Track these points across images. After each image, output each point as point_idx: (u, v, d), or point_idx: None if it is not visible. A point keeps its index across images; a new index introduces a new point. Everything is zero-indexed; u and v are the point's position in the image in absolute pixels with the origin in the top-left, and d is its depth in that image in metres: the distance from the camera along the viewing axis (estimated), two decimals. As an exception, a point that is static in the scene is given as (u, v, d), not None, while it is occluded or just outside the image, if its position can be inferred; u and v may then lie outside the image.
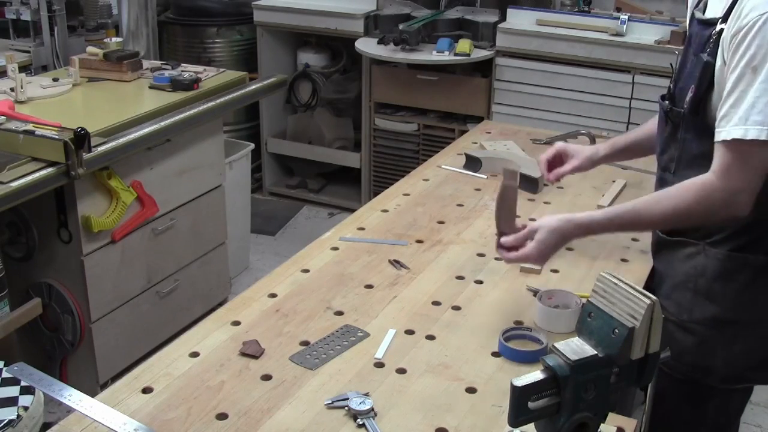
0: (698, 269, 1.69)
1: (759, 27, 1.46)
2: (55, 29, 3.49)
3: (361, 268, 1.90)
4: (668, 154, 1.73)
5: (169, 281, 3.15)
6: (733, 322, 1.68)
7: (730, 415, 1.84)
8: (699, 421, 1.79)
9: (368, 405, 1.40)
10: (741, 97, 1.48)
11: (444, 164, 2.51)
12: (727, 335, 1.68)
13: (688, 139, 1.66)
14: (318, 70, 4.63)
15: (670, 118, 1.70)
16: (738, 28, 1.49)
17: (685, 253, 1.71)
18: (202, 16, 4.55)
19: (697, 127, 1.62)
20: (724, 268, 1.66)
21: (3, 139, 2.51)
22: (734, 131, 1.49)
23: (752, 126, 1.47)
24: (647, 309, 1.12)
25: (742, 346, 1.68)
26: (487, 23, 4.01)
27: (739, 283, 1.65)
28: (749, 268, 1.64)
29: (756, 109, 1.46)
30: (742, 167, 1.50)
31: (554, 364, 1.12)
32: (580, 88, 3.83)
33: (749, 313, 1.67)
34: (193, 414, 1.41)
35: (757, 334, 1.69)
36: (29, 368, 1.44)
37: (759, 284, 1.65)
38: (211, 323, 1.68)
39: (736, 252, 1.64)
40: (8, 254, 2.78)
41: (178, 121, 2.90)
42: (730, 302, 1.66)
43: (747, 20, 1.48)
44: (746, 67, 1.48)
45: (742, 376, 1.73)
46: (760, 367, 1.72)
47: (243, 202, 3.86)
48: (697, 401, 1.76)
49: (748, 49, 1.47)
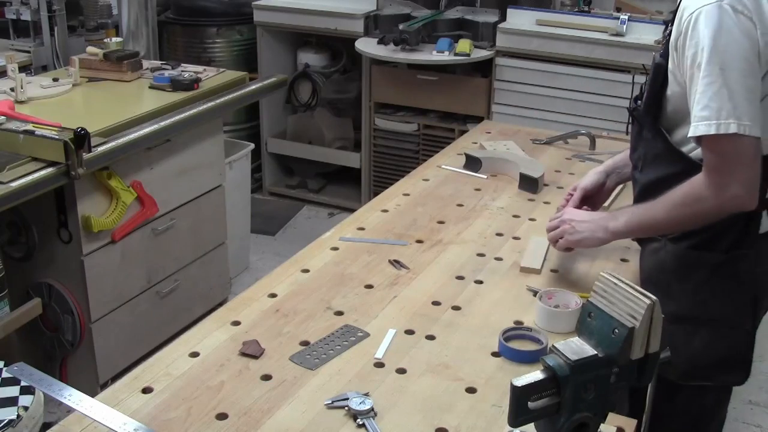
0: (659, 264, 1.72)
1: (692, 26, 1.52)
2: (55, 29, 3.49)
3: (361, 268, 1.90)
4: (637, 153, 1.77)
5: (169, 281, 3.15)
6: (690, 319, 1.69)
7: (704, 409, 1.85)
8: (669, 415, 1.80)
9: (368, 405, 1.40)
10: (694, 95, 1.53)
11: (444, 164, 2.51)
12: (686, 332, 1.69)
13: (649, 139, 1.71)
14: (318, 70, 4.63)
15: (635, 117, 1.76)
16: (678, 31, 1.56)
17: (651, 248, 1.76)
18: (202, 16, 4.54)
19: (652, 126, 1.67)
20: (681, 264, 1.68)
21: (3, 139, 2.51)
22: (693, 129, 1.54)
23: (701, 122, 1.52)
24: (647, 309, 1.12)
25: (700, 344, 1.70)
26: (487, 23, 4.01)
27: (695, 280, 1.68)
28: (705, 265, 1.66)
29: (701, 105, 1.51)
30: (719, 162, 1.54)
31: (554, 364, 1.12)
32: (580, 88, 3.83)
33: (705, 311, 1.69)
34: (193, 414, 1.41)
35: (715, 332, 1.70)
36: (29, 368, 1.44)
37: (714, 282, 1.67)
38: (211, 323, 1.68)
39: (693, 249, 1.66)
40: (8, 254, 2.78)
41: (178, 121, 2.90)
42: (687, 299, 1.69)
43: (683, 21, 1.54)
44: (692, 67, 1.53)
45: (701, 374, 1.74)
46: (719, 366, 1.73)
47: (243, 202, 3.86)
48: (667, 395, 1.77)
49: (689, 49, 1.53)
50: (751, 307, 1.70)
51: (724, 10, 1.49)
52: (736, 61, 1.49)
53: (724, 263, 1.65)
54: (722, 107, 1.49)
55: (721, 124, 1.49)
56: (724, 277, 1.66)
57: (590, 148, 2.67)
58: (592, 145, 2.67)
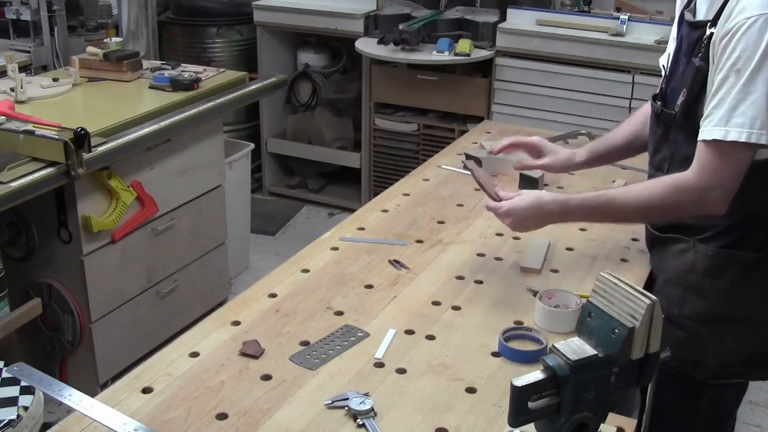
0: (688, 265, 1.71)
1: (744, 30, 1.48)
2: (55, 29, 3.49)
3: (361, 268, 1.90)
4: (661, 155, 1.75)
5: (169, 281, 3.15)
6: (723, 318, 1.69)
7: (724, 409, 1.85)
8: (693, 416, 1.80)
9: (368, 405, 1.40)
10: (724, 98, 1.51)
11: (444, 164, 2.51)
12: (717, 330, 1.70)
13: (679, 141, 1.68)
14: (318, 70, 4.63)
15: (661, 119, 1.73)
16: (726, 30, 1.52)
17: (676, 250, 1.74)
18: (202, 16, 4.54)
19: (689, 129, 1.64)
20: (714, 264, 1.68)
21: (3, 139, 2.51)
22: (715, 132, 1.52)
23: (733, 128, 1.50)
24: (647, 309, 1.12)
25: (732, 342, 1.70)
26: (487, 23, 4.01)
27: (728, 279, 1.67)
28: (738, 264, 1.66)
29: (738, 112, 1.49)
30: (717, 166, 1.53)
31: (554, 364, 1.12)
32: (580, 88, 3.83)
33: (739, 309, 1.69)
34: (193, 414, 1.40)
35: (746, 329, 1.70)
36: (29, 368, 1.44)
37: (748, 280, 1.67)
38: (211, 323, 1.68)
39: (725, 249, 1.66)
40: (8, 254, 2.79)
41: (178, 121, 2.90)
42: (720, 298, 1.68)
43: (734, 23, 1.50)
44: (730, 70, 1.50)
45: (733, 371, 1.74)
46: (750, 363, 1.73)
47: (243, 202, 3.86)
48: (690, 396, 1.77)
49: (733, 51, 1.50)
50: None
51: None
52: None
53: (757, 261, 1.65)
54: (757, 116, 1.48)
55: (753, 134, 1.49)
56: (757, 275, 1.66)
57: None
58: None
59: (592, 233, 2.08)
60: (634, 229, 2.03)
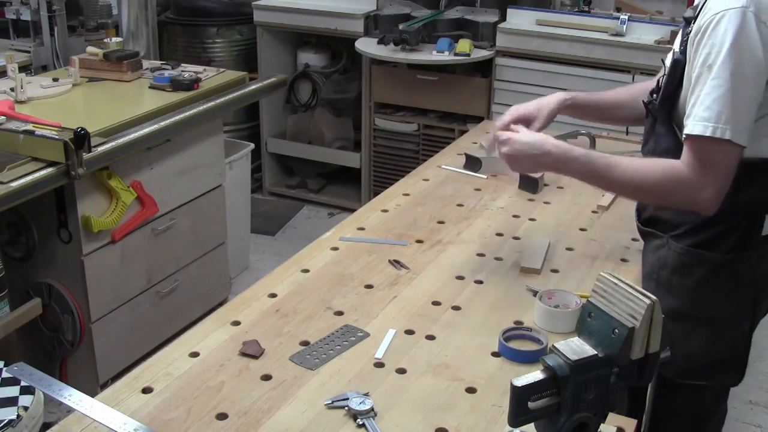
0: (661, 261, 1.72)
1: (713, 26, 1.51)
2: (55, 29, 3.49)
3: (361, 268, 1.90)
4: (648, 146, 1.78)
5: (169, 281, 3.15)
6: (689, 317, 1.69)
7: (704, 408, 1.85)
8: (671, 413, 1.81)
9: (368, 405, 1.40)
10: (698, 94, 1.53)
11: (444, 164, 2.51)
12: (685, 329, 1.70)
13: (661, 134, 1.71)
14: (318, 70, 4.63)
15: (650, 111, 1.75)
16: (698, 27, 1.55)
17: (654, 245, 1.76)
18: (202, 16, 4.54)
19: (668, 122, 1.67)
20: (682, 262, 1.69)
21: (3, 139, 2.51)
22: (691, 127, 1.54)
23: (699, 122, 1.52)
24: (647, 309, 1.12)
25: (698, 342, 1.70)
26: (487, 23, 4.01)
27: (694, 278, 1.68)
28: (705, 264, 1.66)
29: (703, 106, 1.51)
30: (702, 163, 1.54)
31: (554, 364, 1.12)
32: (580, 88, 3.81)
33: (703, 310, 1.69)
34: (193, 414, 1.41)
35: (714, 331, 1.70)
36: (29, 368, 1.44)
37: (714, 282, 1.67)
38: (211, 323, 1.68)
39: (695, 248, 1.67)
40: (8, 254, 2.78)
41: (178, 121, 2.90)
42: (687, 296, 1.69)
43: (704, 20, 1.53)
44: (703, 66, 1.53)
45: (699, 373, 1.73)
46: (715, 367, 1.73)
47: (243, 202, 3.86)
48: (665, 393, 1.78)
49: (704, 48, 1.53)
50: (751, 308, 1.70)
51: (749, 18, 1.48)
52: (747, 69, 1.49)
53: (725, 263, 1.65)
54: (722, 111, 1.49)
55: (718, 128, 1.50)
56: (725, 277, 1.66)
57: (590, 148, 2.66)
58: (592, 145, 2.66)
59: (592, 233, 2.09)
60: (634, 229, 2.02)
